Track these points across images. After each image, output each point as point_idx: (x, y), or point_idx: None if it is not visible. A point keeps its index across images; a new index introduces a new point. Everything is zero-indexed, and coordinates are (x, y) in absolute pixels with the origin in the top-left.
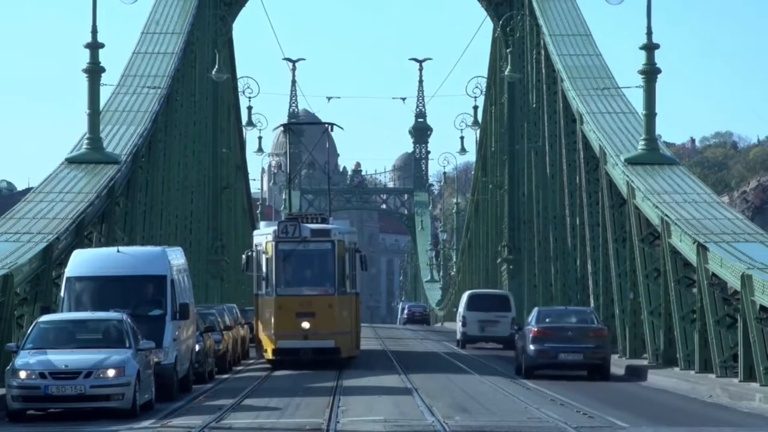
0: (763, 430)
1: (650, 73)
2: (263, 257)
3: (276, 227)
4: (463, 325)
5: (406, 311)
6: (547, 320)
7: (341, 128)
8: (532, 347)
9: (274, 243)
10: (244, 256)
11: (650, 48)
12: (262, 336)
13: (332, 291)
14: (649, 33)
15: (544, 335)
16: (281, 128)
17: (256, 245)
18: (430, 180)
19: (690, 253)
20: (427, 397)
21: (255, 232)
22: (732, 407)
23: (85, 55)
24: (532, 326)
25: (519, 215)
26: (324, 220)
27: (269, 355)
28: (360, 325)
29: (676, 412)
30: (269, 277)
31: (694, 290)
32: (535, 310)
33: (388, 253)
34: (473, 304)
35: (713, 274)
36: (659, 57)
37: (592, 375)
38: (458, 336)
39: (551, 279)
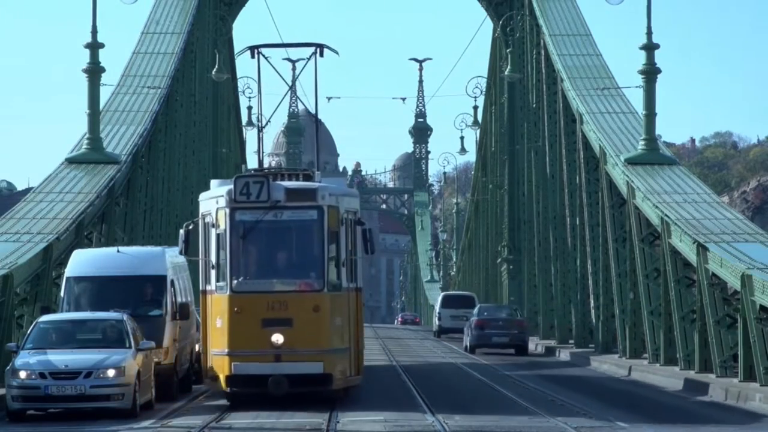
0: (764, 430)
1: (650, 73)
2: (212, 233)
3: (232, 186)
4: (439, 319)
5: (399, 318)
6: (485, 314)
7: (335, 52)
8: (474, 332)
9: (228, 211)
10: (182, 231)
11: (650, 48)
12: (210, 356)
13: (320, 285)
14: (649, 33)
15: (483, 324)
16: (258, 95)
17: (202, 215)
18: (430, 180)
19: (690, 253)
20: None
21: (202, 196)
22: (732, 407)
23: (85, 55)
24: (474, 318)
25: (519, 215)
26: (308, 177)
27: (220, 385)
28: (363, 338)
29: (676, 412)
30: (221, 264)
31: (694, 290)
32: (477, 306)
33: (388, 253)
34: (446, 302)
35: (713, 274)
36: (659, 57)
37: (517, 353)
38: (435, 328)
39: (551, 279)
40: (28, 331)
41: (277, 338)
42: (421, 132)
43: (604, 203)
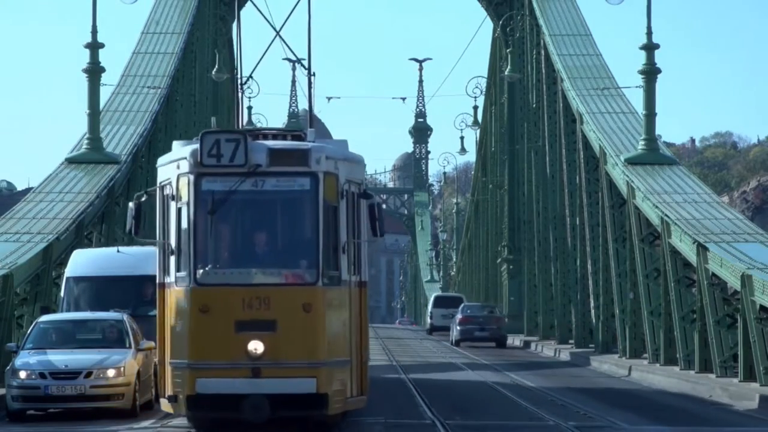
0: (763, 430)
1: (650, 73)
2: (172, 208)
3: (197, 145)
4: (431, 318)
5: (397, 322)
6: (468, 312)
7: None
8: (458, 328)
9: (192, 178)
10: (131, 205)
11: (650, 48)
12: (167, 369)
13: (312, 277)
14: (649, 33)
15: (466, 321)
16: None
17: (160, 185)
18: (430, 180)
19: (690, 253)
20: None
21: (160, 160)
22: (732, 407)
23: (85, 55)
24: (459, 315)
25: (519, 215)
26: (297, 138)
27: (180, 407)
28: (368, 346)
29: (676, 412)
30: (183, 248)
31: (694, 290)
32: (462, 305)
33: (388, 253)
34: (437, 303)
35: (713, 274)
36: (659, 57)
37: (497, 345)
38: (427, 326)
39: (551, 279)
40: (28, 331)
41: (256, 346)
42: (421, 132)
43: (604, 203)
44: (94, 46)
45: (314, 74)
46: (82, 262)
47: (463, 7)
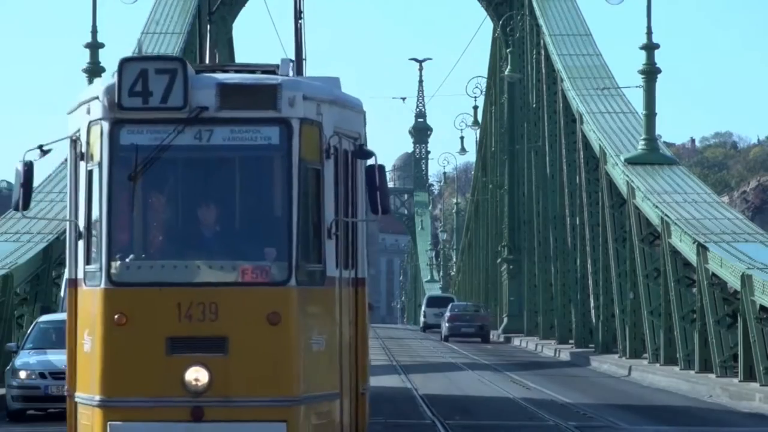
0: (764, 430)
1: (650, 72)
2: (81, 170)
3: (115, 78)
4: (424, 317)
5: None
6: (456, 310)
7: None
8: (447, 325)
9: (106, 127)
10: (18, 166)
11: (650, 48)
12: (74, 404)
13: (282, 273)
14: (649, 33)
15: (454, 318)
16: None
17: (71, 139)
18: (430, 180)
19: (690, 253)
20: None
21: (73, 107)
22: (732, 407)
23: (85, 55)
24: (447, 314)
25: (519, 215)
26: (268, 73)
27: None
28: (367, 371)
29: (676, 412)
30: (93, 229)
31: (694, 290)
32: (450, 304)
33: (388, 253)
34: (430, 303)
35: (713, 274)
36: (659, 57)
37: (482, 341)
38: (421, 325)
39: (551, 279)
40: (28, 331)
41: (197, 376)
42: (421, 132)
43: (604, 203)
44: (94, 46)
45: (302, 15)
46: None
47: (462, 7)
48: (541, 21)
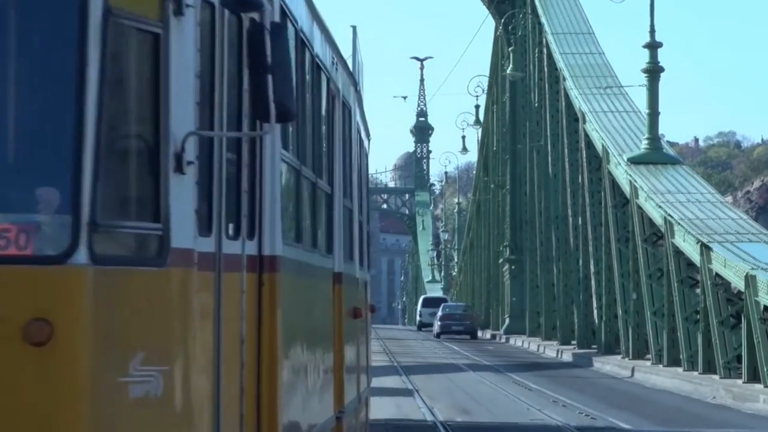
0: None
1: (653, 71)
2: None
3: None
4: (420, 316)
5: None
6: (447, 310)
7: None
8: (438, 323)
9: None
10: None
11: (653, 46)
12: None
13: (59, 241)
14: (653, 31)
15: (445, 318)
16: None
17: None
18: (432, 179)
19: (693, 253)
20: None
21: None
22: (736, 408)
23: None
24: (439, 313)
25: (521, 215)
26: None
27: None
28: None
29: (679, 414)
30: None
31: (698, 290)
32: (442, 305)
33: (389, 254)
34: (425, 303)
35: (717, 275)
36: (662, 55)
37: (471, 338)
38: (416, 323)
39: (553, 279)
40: None
41: None
42: (422, 131)
43: (607, 203)
44: None
45: None
46: None
47: (464, 5)
48: (543, 19)
